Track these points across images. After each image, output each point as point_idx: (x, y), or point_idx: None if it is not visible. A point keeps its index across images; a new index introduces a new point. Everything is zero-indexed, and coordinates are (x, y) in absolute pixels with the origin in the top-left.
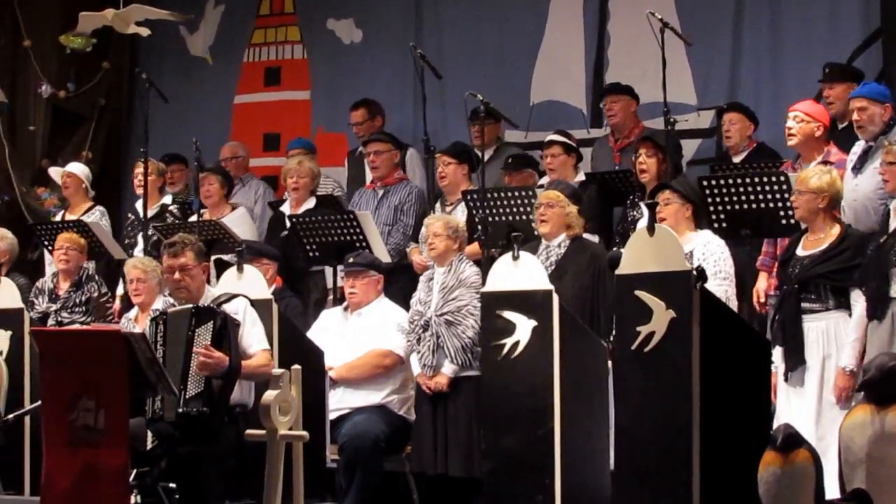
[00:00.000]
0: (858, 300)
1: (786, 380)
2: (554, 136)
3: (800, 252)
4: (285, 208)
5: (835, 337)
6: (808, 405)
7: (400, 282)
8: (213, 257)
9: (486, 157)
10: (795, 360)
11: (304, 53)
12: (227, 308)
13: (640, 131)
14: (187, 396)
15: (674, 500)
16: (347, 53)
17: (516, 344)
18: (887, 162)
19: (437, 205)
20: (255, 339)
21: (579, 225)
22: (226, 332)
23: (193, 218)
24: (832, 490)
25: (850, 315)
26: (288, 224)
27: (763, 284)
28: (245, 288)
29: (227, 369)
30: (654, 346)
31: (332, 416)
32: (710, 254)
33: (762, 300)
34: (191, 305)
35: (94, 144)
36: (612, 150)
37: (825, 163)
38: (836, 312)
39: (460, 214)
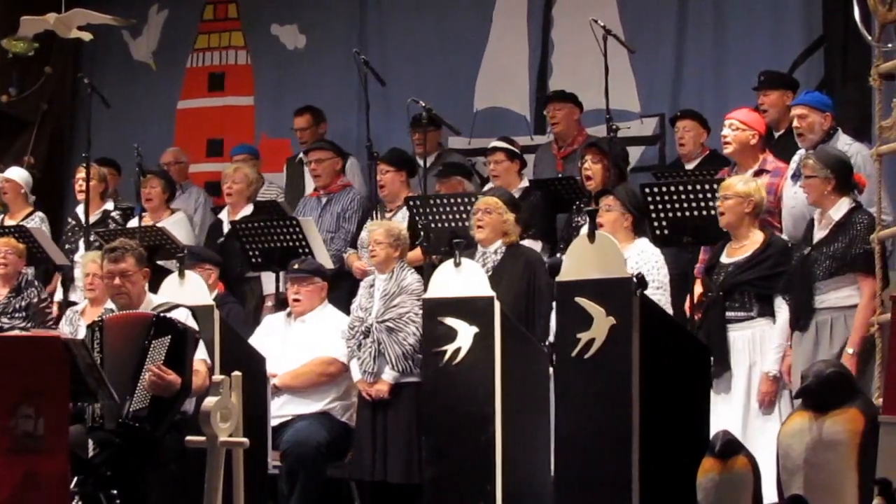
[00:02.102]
0: (782, 307)
1: (710, 386)
2: (497, 143)
3: (724, 259)
4: (223, 215)
5: (760, 344)
6: (735, 413)
7: (342, 288)
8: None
9: (429, 164)
10: (721, 367)
11: (248, 59)
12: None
13: (584, 139)
14: (131, 408)
15: None
16: (291, 59)
17: (458, 350)
18: (806, 176)
19: (377, 211)
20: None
21: (516, 232)
22: (183, 349)
23: (134, 222)
24: (770, 496)
25: (774, 322)
26: (226, 230)
27: (699, 291)
28: (187, 294)
29: (176, 391)
30: (595, 352)
31: (274, 422)
32: (644, 262)
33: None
34: (152, 314)
35: (36, 149)
36: (556, 157)
37: (761, 171)
38: (761, 320)
39: (401, 221)
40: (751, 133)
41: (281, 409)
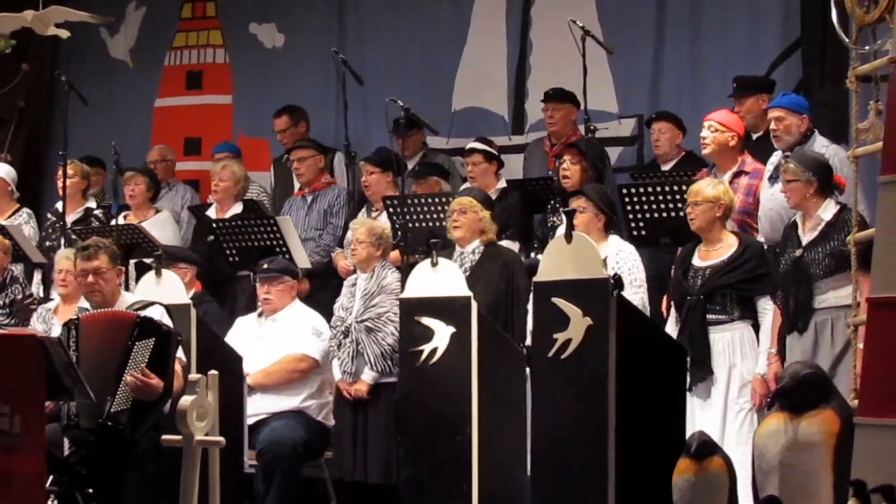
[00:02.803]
0: (767, 309)
1: (690, 391)
2: (474, 144)
3: (698, 263)
4: (211, 212)
5: (740, 347)
6: (714, 415)
7: (330, 286)
8: (132, 261)
9: (412, 165)
10: (702, 371)
11: (226, 58)
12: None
13: (577, 138)
14: (112, 409)
15: None
16: (269, 58)
17: (434, 350)
18: (786, 180)
19: (363, 210)
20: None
21: (493, 230)
22: (167, 352)
23: (120, 220)
24: (745, 498)
25: (753, 325)
26: (212, 228)
27: None
28: (163, 292)
29: (158, 395)
30: (571, 353)
31: (249, 421)
32: (623, 262)
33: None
34: (137, 315)
35: (13, 146)
36: (548, 154)
37: (740, 172)
38: (740, 323)
39: (385, 220)
40: (730, 135)
41: (257, 408)
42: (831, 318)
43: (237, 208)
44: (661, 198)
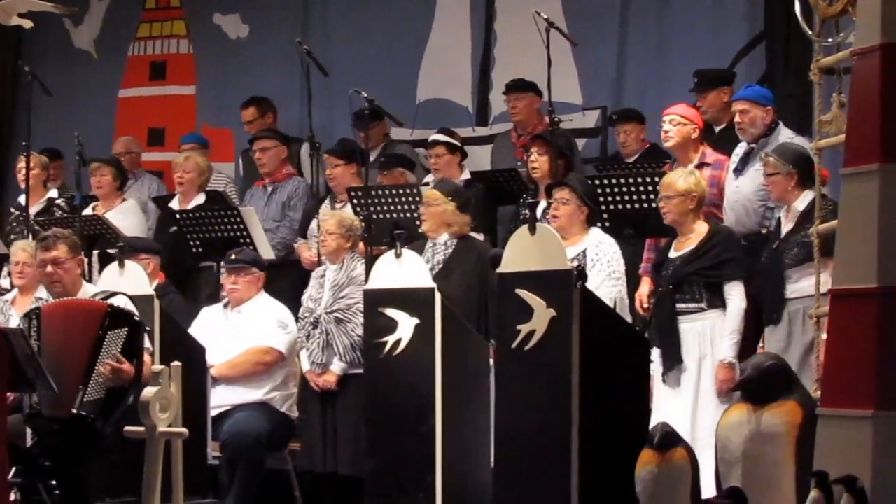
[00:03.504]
0: (733, 294)
1: (663, 381)
2: (438, 136)
3: (672, 255)
4: (174, 204)
5: (710, 337)
6: (685, 405)
7: (288, 277)
8: (95, 252)
9: (374, 157)
10: (672, 361)
11: (190, 48)
12: None
13: (544, 128)
14: (85, 399)
15: (553, 498)
16: (234, 49)
17: (398, 342)
18: (767, 174)
19: (327, 202)
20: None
21: (460, 222)
22: (139, 341)
23: (88, 211)
24: (709, 489)
25: (724, 312)
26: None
27: (645, 290)
28: (126, 283)
29: (129, 383)
30: (535, 344)
31: (213, 412)
32: (603, 254)
33: (645, 305)
34: (107, 305)
35: None
36: (515, 145)
37: (702, 164)
38: (711, 312)
39: (350, 212)
40: (692, 127)
41: (221, 400)
42: (803, 307)
43: (200, 199)
44: (625, 189)
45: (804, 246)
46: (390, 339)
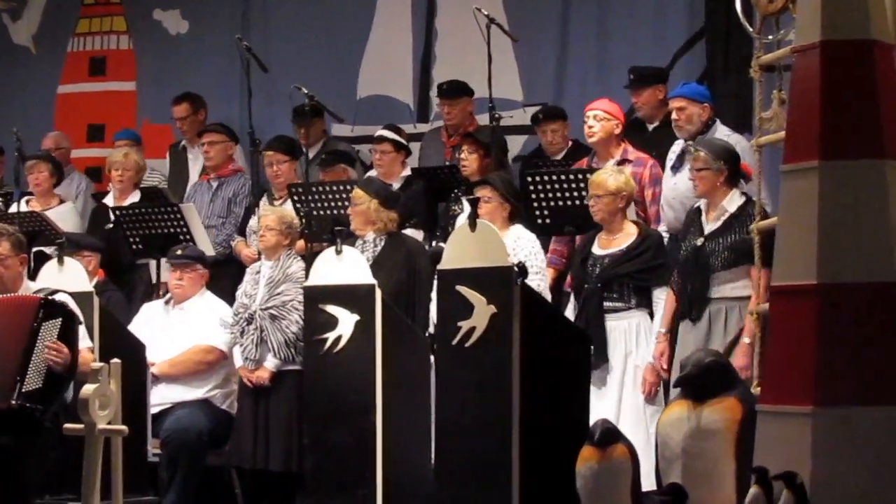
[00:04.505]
0: (661, 298)
1: None
2: (385, 132)
3: (597, 251)
4: (109, 200)
5: (635, 336)
6: (610, 403)
7: (231, 275)
8: (33, 249)
9: (314, 154)
10: (598, 359)
11: (130, 44)
12: None
13: (475, 128)
14: (24, 389)
15: (494, 495)
16: (174, 45)
17: (339, 338)
18: (696, 168)
19: (265, 199)
20: (78, 336)
21: (384, 219)
22: (73, 332)
23: (24, 208)
24: (648, 485)
25: (649, 314)
26: (112, 216)
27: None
28: (66, 280)
29: (69, 368)
30: (475, 341)
31: (154, 410)
32: (521, 249)
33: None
34: (40, 297)
35: None
36: (444, 145)
37: (623, 161)
38: (637, 312)
39: (289, 208)
40: (614, 122)
41: (161, 397)
42: (725, 307)
43: (135, 196)
44: (564, 186)
45: (734, 250)
46: (331, 336)
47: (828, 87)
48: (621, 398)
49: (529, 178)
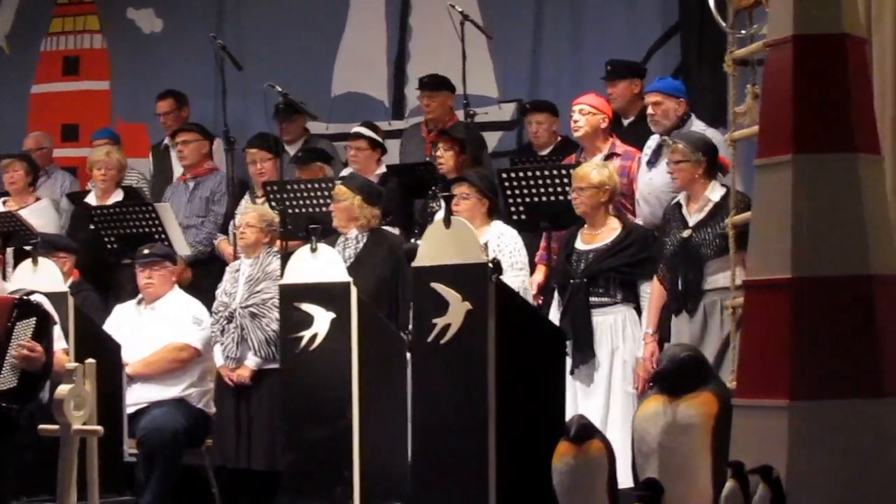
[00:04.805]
0: (647, 293)
1: (572, 374)
2: (361, 129)
3: (581, 246)
4: (91, 200)
5: (622, 330)
6: (597, 399)
7: (214, 274)
8: (9, 249)
9: (296, 150)
10: (584, 354)
11: (104, 43)
12: None
13: (455, 123)
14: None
15: (470, 491)
16: (148, 43)
17: (314, 336)
18: (674, 161)
19: (246, 197)
20: (54, 337)
21: (367, 216)
22: (45, 331)
23: (1, 208)
24: (625, 480)
25: (635, 308)
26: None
27: (539, 278)
28: (40, 281)
29: (43, 367)
30: (451, 338)
31: (130, 410)
32: (504, 245)
33: (534, 293)
34: (15, 297)
35: None
36: (425, 140)
37: (612, 155)
38: (623, 306)
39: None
40: (601, 116)
41: (137, 397)
42: (720, 299)
43: (118, 195)
44: (540, 182)
45: (724, 237)
46: (307, 334)
47: (800, 82)
48: (609, 394)
49: (505, 175)
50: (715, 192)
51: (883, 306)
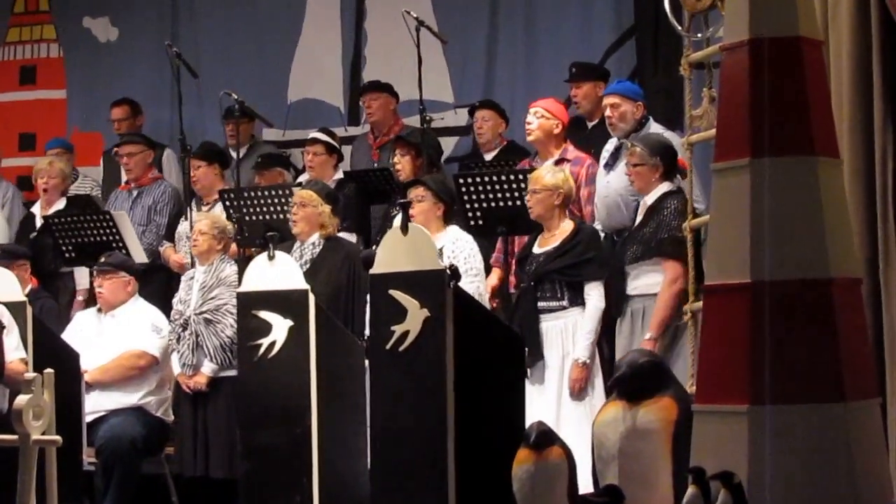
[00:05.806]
0: (592, 294)
1: (526, 376)
2: (318, 135)
3: (536, 250)
4: (36, 209)
5: (572, 334)
6: (549, 402)
7: (156, 282)
8: None
9: (242, 155)
10: (534, 357)
11: (60, 52)
12: None
13: (400, 129)
14: None
15: (430, 498)
16: (103, 52)
17: (273, 344)
18: (632, 164)
19: (193, 204)
20: (12, 346)
21: (333, 224)
22: None
23: None
24: (585, 486)
25: (584, 311)
26: (38, 224)
27: (494, 281)
28: None
29: None
30: (409, 345)
31: (88, 418)
32: (459, 251)
33: (489, 295)
34: None
35: None
36: (371, 147)
37: (562, 160)
38: (573, 309)
39: (219, 214)
40: (555, 122)
41: (95, 405)
42: (644, 305)
43: (60, 204)
44: (497, 187)
45: (642, 243)
46: (265, 342)
47: (757, 85)
48: (560, 399)
49: (461, 180)
50: (651, 196)
51: (842, 310)
